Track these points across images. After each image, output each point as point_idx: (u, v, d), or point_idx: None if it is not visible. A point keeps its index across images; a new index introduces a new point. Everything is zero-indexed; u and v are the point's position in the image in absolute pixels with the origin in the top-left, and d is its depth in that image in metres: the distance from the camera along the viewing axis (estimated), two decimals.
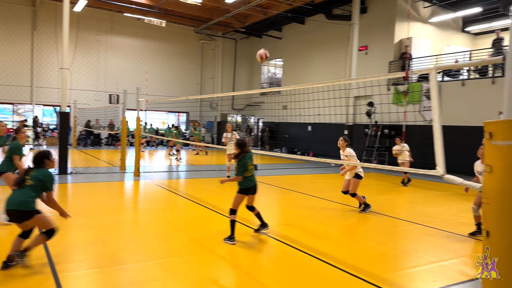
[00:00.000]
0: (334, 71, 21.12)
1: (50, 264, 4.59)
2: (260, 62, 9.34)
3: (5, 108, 23.44)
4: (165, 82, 26.86)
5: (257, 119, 29.04)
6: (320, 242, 5.92)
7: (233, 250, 5.38)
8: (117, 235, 5.93)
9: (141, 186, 10.75)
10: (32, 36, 22.73)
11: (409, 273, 4.84)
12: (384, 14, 18.85)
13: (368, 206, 7.91)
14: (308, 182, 12.77)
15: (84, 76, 24.20)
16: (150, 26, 24.32)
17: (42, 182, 4.46)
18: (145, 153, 20.47)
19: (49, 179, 4.53)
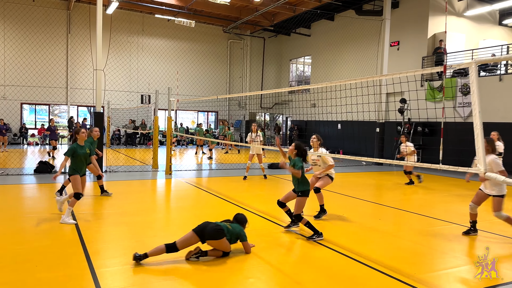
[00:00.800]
0: (365, 68, 20.75)
1: (88, 259, 4.72)
2: None
3: (41, 109, 24.37)
4: (194, 82, 27.18)
5: (285, 117, 28.94)
6: (353, 241, 5.82)
7: (266, 248, 5.37)
8: (151, 232, 6.04)
9: (173, 184, 10.92)
10: (67, 39, 23.51)
11: (446, 273, 4.69)
12: (417, 9, 18.36)
13: (324, 211, 7.16)
14: (338, 181, 12.56)
15: (117, 77, 24.81)
16: (179, 26, 24.70)
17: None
18: (176, 152, 20.79)
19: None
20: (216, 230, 4.87)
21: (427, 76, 17.21)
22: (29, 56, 22.56)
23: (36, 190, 9.58)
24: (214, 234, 4.86)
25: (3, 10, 21.88)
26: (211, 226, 4.90)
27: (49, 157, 15.85)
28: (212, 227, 4.89)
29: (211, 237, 4.86)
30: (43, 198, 8.57)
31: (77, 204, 7.33)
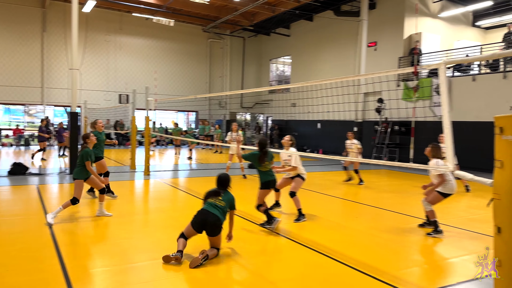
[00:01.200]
0: (343, 68, 21.00)
1: (61, 262, 4.64)
2: None
3: (17, 109, 23.75)
4: (174, 82, 26.97)
5: (266, 117, 29.02)
6: (329, 239, 5.90)
7: (242, 248, 5.38)
8: (127, 234, 5.98)
9: (151, 185, 10.81)
10: (42, 37, 22.98)
11: (419, 270, 4.80)
12: (393, 10, 18.68)
13: (302, 215, 6.97)
14: (318, 180, 12.72)
15: (94, 77, 24.40)
16: (158, 25, 24.44)
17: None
18: (155, 152, 20.58)
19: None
20: (217, 226, 4.81)
21: (403, 76, 17.54)
22: (3, 55, 21.97)
23: (10, 192, 9.34)
24: (215, 230, 4.81)
25: None
26: (211, 221, 4.78)
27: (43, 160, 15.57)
28: (213, 221, 4.77)
29: (212, 233, 4.82)
30: (17, 201, 8.37)
31: (52, 205, 7.19)
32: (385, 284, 4.27)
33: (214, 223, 4.78)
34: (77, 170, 6.61)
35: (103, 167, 8.29)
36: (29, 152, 16.55)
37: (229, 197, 5.10)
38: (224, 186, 5.17)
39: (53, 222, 6.19)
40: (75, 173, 6.62)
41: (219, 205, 4.91)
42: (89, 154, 6.57)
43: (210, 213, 4.81)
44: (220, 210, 4.88)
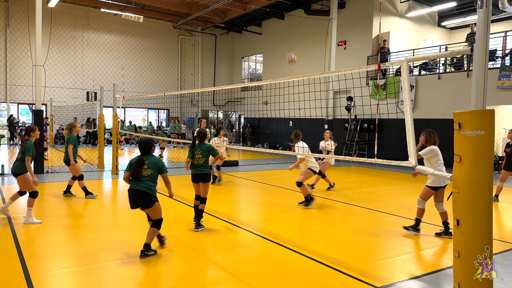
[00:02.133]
0: (314, 66, 21.21)
1: (23, 264, 4.47)
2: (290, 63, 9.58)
3: None
4: (143, 79, 26.51)
5: (238, 115, 28.98)
6: (299, 236, 5.95)
7: (211, 245, 5.36)
8: (93, 234, 5.83)
9: (120, 184, 10.59)
10: (6, 32, 22.10)
11: (385, 263, 4.90)
12: (362, 9, 19.00)
13: (311, 199, 7.96)
14: (289, 177, 12.80)
15: (60, 74, 23.66)
16: (127, 21, 23.97)
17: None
18: (125, 151, 20.19)
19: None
20: (146, 199, 4.81)
21: (371, 74, 17.89)
22: None
23: None
24: (147, 203, 4.86)
25: None
26: (139, 197, 4.81)
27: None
28: (141, 197, 4.80)
29: (145, 206, 4.88)
30: None
31: (14, 206, 6.96)
32: (351, 277, 4.34)
33: (143, 198, 4.81)
34: (18, 165, 6.27)
35: (77, 170, 8.21)
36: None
37: (153, 160, 4.97)
38: (147, 151, 5.01)
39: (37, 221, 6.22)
40: (15, 168, 6.26)
41: (144, 177, 4.83)
42: (32, 148, 6.25)
43: (136, 191, 4.80)
44: (146, 182, 4.82)
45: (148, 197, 4.81)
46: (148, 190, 4.80)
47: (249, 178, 11.84)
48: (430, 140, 5.99)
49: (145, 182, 4.81)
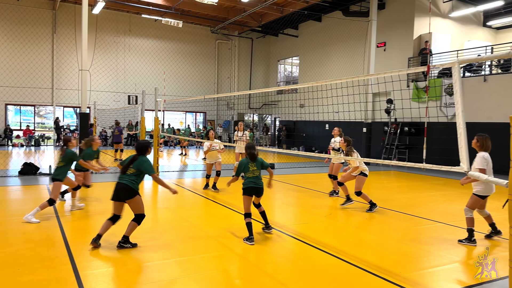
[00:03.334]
0: (352, 69, 20.90)
1: (72, 261, 4.65)
2: None
3: (27, 110, 24.01)
4: (182, 83, 27.06)
5: (273, 118, 28.98)
6: (340, 241, 5.84)
7: (251, 249, 5.36)
8: (136, 234, 5.96)
9: (160, 186, 10.81)
10: (53, 39, 23.19)
11: (432, 272, 4.73)
12: (403, 10, 18.54)
13: (374, 204, 7.81)
14: (326, 181, 12.66)
15: (104, 78, 24.56)
16: (167, 27, 24.58)
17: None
18: (164, 153, 20.65)
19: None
20: (126, 190, 5.18)
21: (413, 76, 17.40)
22: (13, 56, 22.22)
23: (20, 192, 9.42)
24: (126, 195, 5.23)
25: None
26: (120, 188, 5.22)
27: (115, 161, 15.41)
28: (121, 188, 5.21)
29: (125, 197, 5.24)
30: (27, 200, 8.43)
31: (62, 204, 7.23)
32: (396, 285, 4.22)
33: (124, 190, 5.19)
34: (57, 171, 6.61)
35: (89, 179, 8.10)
36: (40, 152, 16.61)
37: (140, 162, 5.33)
38: (141, 152, 5.44)
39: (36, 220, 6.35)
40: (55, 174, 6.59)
41: (128, 174, 5.26)
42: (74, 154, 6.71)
43: (119, 183, 5.25)
44: (130, 177, 5.23)
45: (128, 189, 5.18)
46: (129, 183, 5.19)
47: (285, 181, 11.78)
48: (485, 146, 5.64)
49: (129, 177, 5.23)
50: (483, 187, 5.64)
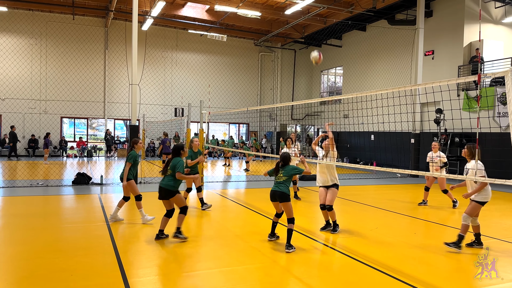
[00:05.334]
0: (398, 78, 20.39)
1: (121, 269, 4.83)
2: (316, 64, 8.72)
3: (80, 122, 25.35)
4: (226, 95, 27.57)
5: (316, 128, 28.75)
6: (386, 256, 5.66)
7: (294, 261, 5.32)
8: (182, 243, 6.11)
9: (204, 196, 11.01)
10: (105, 55, 24.46)
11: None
12: (451, 17, 17.93)
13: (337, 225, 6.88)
14: (372, 193, 12.36)
15: (152, 91, 25.53)
16: (212, 41, 25.24)
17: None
18: (208, 164, 21.02)
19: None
20: (165, 191, 6.03)
21: (463, 85, 16.70)
22: (68, 72, 23.61)
23: (73, 201, 9.92)
24: (166, 195, 6.09)
25: (45, 28, 23.07)
26: (160, 189, 6.10)
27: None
28: (161, 188, 6.08)
29: (165, 196, 6.08)
30: (80, 209, 8.86)
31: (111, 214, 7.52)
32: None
33: (163, 190, 6.06)
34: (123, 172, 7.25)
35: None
36: (92, 163, 17.46)
37: (173, 162, 6.11)
38: (175, 154, 6.22)
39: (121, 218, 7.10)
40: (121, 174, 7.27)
41: (167, 176, 6.10)
42: (134, 157, 7.21)
43: (160, 187, 6.11)
44: (167, 179, 6.06)
45: (166, 191, 6.03)
46: (166, 186, 6.02)
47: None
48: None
49: (167, 178, 6.07)
50: (485, 194, 5.73)
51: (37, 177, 13.41)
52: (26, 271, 4.73)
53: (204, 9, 22.19)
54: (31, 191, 10.58)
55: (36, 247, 5.64)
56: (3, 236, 6.35)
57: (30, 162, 19.25)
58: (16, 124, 21.96)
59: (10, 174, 14.31)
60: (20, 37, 22.73)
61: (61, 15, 23.21)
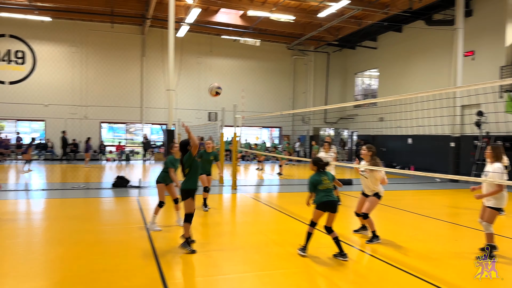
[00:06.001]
0: (436, 80, 19.79)
1: (160, 270, 4.93)
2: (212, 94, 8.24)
3: (119, 127, 26.16)
4: (259, 99, 27.67)
5: (351, 132, 28.33)
6: (426, 264, 5.49)
7: (332, 267, 5.26)
8: (218, 246, 6.18)
9: (238, 199, 11.11)
10: (142, 62, 25.16)
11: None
12: (492, 16, 17.23)
13: (376, 237, 6.46)
14: (409, 198, 12.04)
15: (187, 96, 26.01)
16: (245, 46, 25.44)
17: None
18: (241, 167, 21.15)
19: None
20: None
21: (506, 86, 15.98)
22: (107, 79, 24.44)
23: (113, 203, 10.23)
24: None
25: (86, 37, 24.01)
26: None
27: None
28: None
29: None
30: (120, 211, 9.13)
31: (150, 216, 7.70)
32: None
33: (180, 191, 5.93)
34: (159, 174, 7.25)
35: (203, 181, 8.86)
36: (130, 166, 17.99)
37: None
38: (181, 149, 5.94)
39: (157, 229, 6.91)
40: (157, 176, 7.28)
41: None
42: (171, 162, 7.13)
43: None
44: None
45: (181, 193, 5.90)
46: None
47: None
48: None
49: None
50: (500, 200, 5.47)
51: (78, 180, 13.94)
52: (69, 271, 4.92)
53: (238, 15, 22.42)
54: (73, 194, 11.01)
55: (78, 248, 5.86)
56: (47, 237, 6.64)
57: (72, 165, 20.04)
58: (59, 129, 22.93)
59: (54, 177, 14.95)
60: (63, 45, 23.77)
61: (101, 24, 24.09)
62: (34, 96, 23.17)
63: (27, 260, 5.29)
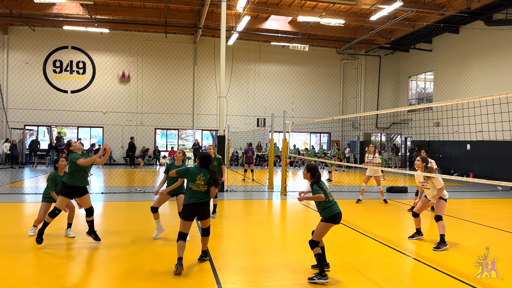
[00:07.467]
0: (497, 82, 18.71)
1: (215, 274, 5.04)
2: (123, 82, 7.86)
3: (171, 133, 27.05)
4: (308, 104, 27.53)
5: (404, 137, 27.39)
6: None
7: (388, 277, 5.11)
8: (270, 252, 6.21)
9: (288, 205, 11.08)
10: (194, 70, 25.92)
11: None
12: None
13: (444, 242, 6.43)
14: (469, 207, 11.43)
15: (236, 103, 26.44)
16: (293, 51, 25.48)
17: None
18: (289, 173, 21.09)
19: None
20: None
21: None
22: (161, 87, 25.41)
23: (167, 207, 10.57)
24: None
25: (141, 47, 25.14)
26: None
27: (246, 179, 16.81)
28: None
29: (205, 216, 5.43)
30: (174, 215, 9.42)
31: None
32: None
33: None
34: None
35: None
36: None
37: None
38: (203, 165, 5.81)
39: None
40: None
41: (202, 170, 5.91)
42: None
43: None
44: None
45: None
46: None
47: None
48: None
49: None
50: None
51: (135, 184, 14.55)
52: (128, 271, 5.14)
53: (287, 21, 22.49)
54: (129, 197, 11.51)
55: (135, 250, 6.12)
56: (106, 241, 6.97)
57: (128, 170, 20.96)
58: (116, 135, 24.12)
59: (111, 181, 15.72)
60: (120, 55, 25.04)
61: (155, 34, 25.13)
62: (94, 104, 24.56)
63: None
